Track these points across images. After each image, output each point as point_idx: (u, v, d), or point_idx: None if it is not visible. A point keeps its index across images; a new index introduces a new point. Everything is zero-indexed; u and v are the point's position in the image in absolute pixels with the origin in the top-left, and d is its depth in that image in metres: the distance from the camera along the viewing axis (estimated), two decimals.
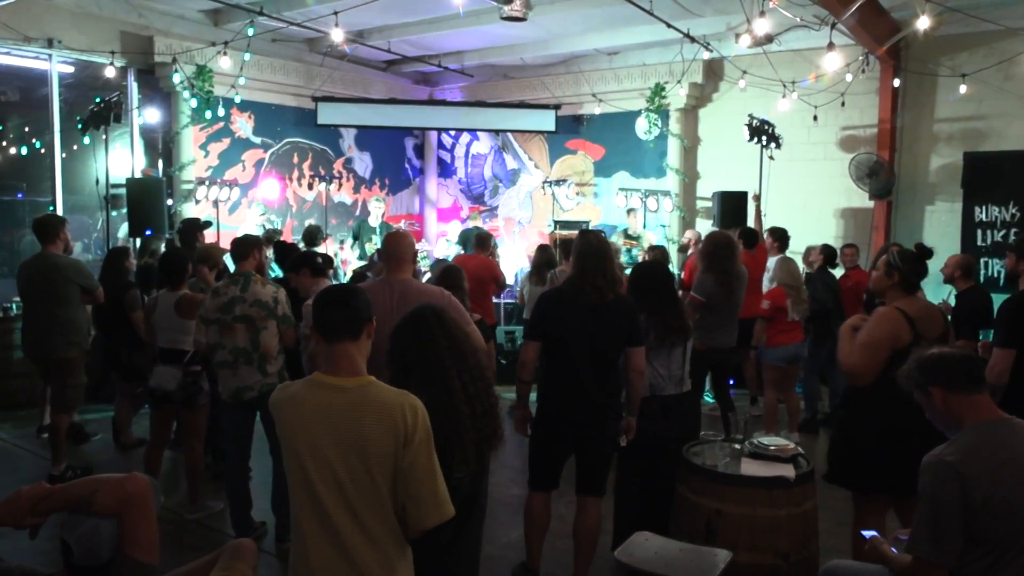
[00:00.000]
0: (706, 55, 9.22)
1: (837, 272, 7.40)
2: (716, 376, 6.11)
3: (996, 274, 8.28)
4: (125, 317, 5.93)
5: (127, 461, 5.95)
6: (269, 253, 6.55)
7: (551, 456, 3.90)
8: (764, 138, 8.97)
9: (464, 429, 2.68)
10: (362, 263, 8.77)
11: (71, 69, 8.75)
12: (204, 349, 4.43)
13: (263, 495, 4.60)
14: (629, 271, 4.73)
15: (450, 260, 8.45)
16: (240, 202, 10.00)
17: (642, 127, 10.55)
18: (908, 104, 9.01)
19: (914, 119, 9.02)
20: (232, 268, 4.68)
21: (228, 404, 4.41)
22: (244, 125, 10.19)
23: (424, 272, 9.06)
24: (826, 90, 8.73)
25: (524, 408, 3.92)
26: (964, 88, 8.21)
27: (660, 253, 7.93)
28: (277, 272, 6.67)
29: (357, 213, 11.55)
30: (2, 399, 7.22)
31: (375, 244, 9.15)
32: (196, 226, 7.17)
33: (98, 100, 7.77)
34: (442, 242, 11.11)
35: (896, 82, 8.75)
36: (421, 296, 3.46)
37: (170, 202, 9.02)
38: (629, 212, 10.05)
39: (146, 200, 8.06)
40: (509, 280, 8.79)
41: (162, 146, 9.69)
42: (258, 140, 10.40)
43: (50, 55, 8.35)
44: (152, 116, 9.52)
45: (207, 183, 9.18)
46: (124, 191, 8.29)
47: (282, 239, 8.39)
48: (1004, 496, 2.34)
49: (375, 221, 9.82)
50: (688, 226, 10.13)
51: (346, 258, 9.72)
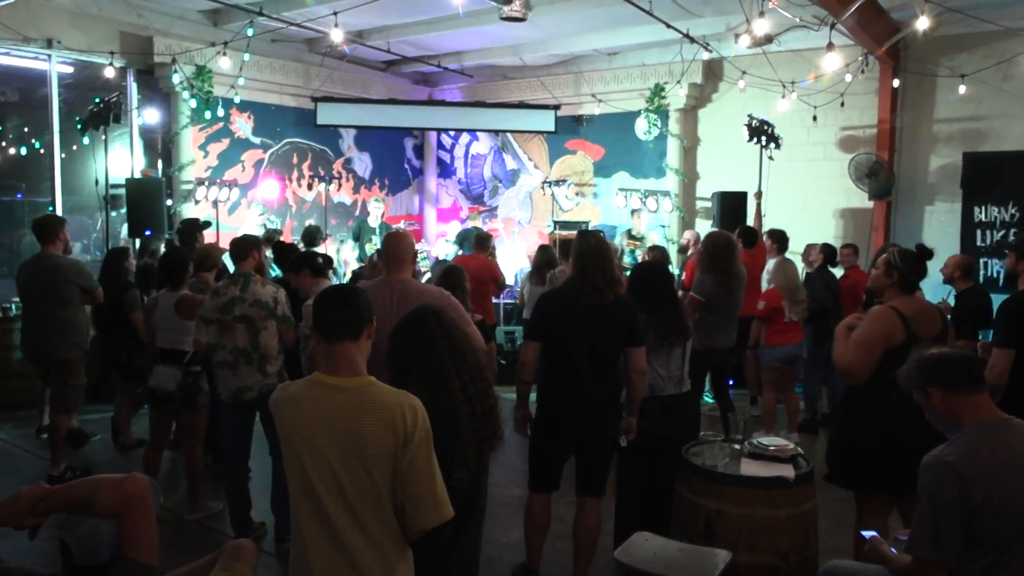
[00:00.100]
0: (706, 55, 9.22)
1: (838, 271, 7.40)
2: (716, 376, 6.10)
3: (995, 274, 8.29)
4: (125, 317, 5.93)
5: (126, 461, 5.94)
6: (269, 253, 6.54)
7: (551, 457, 3.89)
8: (763, 138, 8.96)
9: (464, 430, 2.68)
10: (362, 264, 8.77)
11: (70, 69, 8.75)
12: (204, 349, 4.43)
13: (263, 495, 4.59)
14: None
15: (449, 260, 8.46)
16: (240, 202, 10.00)
17: (642, 127, 10.54)
18: (907, 104, 9.01)
19: (913, 119, 9.02)
20: (232, 268, 4.68)
21: (228, 404, 4.41)
22: (244, 125, 10.19)
23: (424, 272, 9.06)
24: (825, 90, 8.72)
25: (524, 408, 3.92)
26: (963, 88, 8.21)
27: (660, 253, 7.92)
28: (276, 272, 6.66)
29: (357, 213, 11.54)
30: (2, 399, 7.20)
31: (375, 244, 9.15)
32: (195, 226, 7.17)
33: (97, 100, 7.77)
34: (441, 242, 11.10)
35: (895, 82, 8.75)
36: (421, 296, 3.46)
37: (169, 202, 9.01)
38: (633, 213, 10.03)
39: (145, 200, 8.07)
40: (509, 280, 8.79)
41: (161, 146, 9.68)
42: (257, 140, 10.40)
43: (49, 55, 8.35)
44: (151, 116, 9.52)
45: (206, 183, 9.19)
46: (124, 191, 8.29)
47: (281, 239, 8.39)
48: (1004, 496, 2.34)
49: (375, 221, 9.83)
50: (688, 226, 10.11)
51: (346, 258, 9.73)
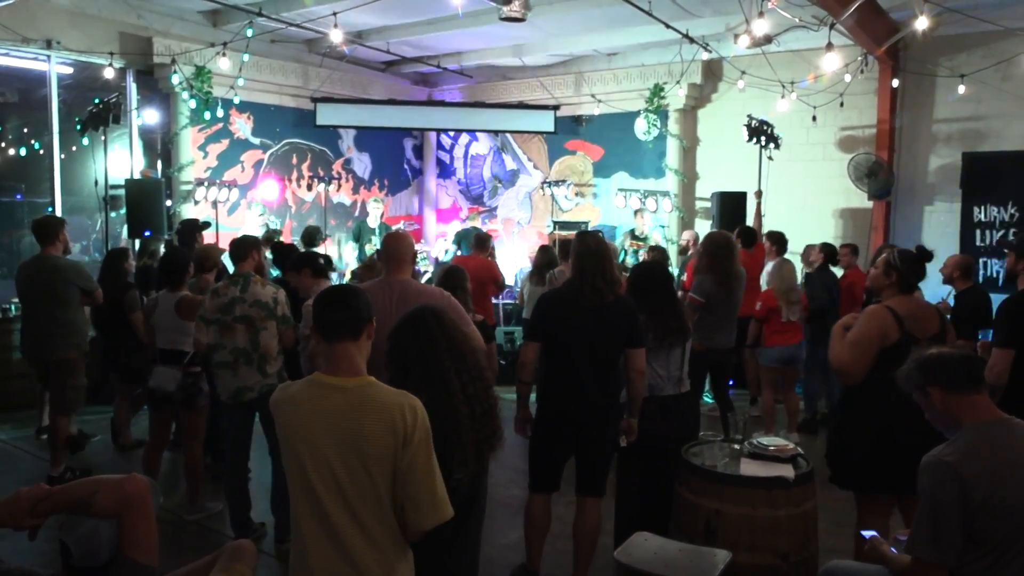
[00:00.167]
0: (705, 56, 9.22)
1: (838, 271, 7.39)
2: (715, 376, 6.10)
3: (995, 274, 8.29)
4: (124, 318, 5.92)
5: (126, 462, 5.94)
6: (268, 254, 6.54)
7: (551, 457, 3.89)
8: (763, 138, 8.96)
9: (463, 430, 2.67)
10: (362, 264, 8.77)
11: (70, 70, 8.75)
12: (204, 349, 4.43)
13: (262, 496, 4.60)
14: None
15: (448, 261, 8.46)
16: (239, 203, 10.00)
17: (641, 128, 10.54)
18: (907, 104, 9.01)
19: (913, 119, 9.02)
20: (231, 269, 4.68)
21: (227, 405, 4.42)
22: (243, 126, 10.18)
23: (424, 272, 9.06)
24: (825, 90, 8.72)
25: (524, 409, 3.91)
26: (963, 88, 8.20)
27: (659, 254, 7.92)
28: (276, 273, 6.65)
29: (356, 214, 11.53)
30: (1, 400, 7.20)
31: (375, 245, 9.15)
32: (195, 227, 7.17)
33: (97, 101, 7.76)
34: (441, 243, 11.11)
35: (895, 82, 8.75)
36: (420, 297, 3.46)
37: (169, 203, 9.00)
38: (636, 213, 10.01)
39: (145, 201, 8.07)
40: (508, 281, 8.78)
41: (161, 147, 9.68)
42: (257, 141, 10.40)
43: (49, 56, 8.35)
44: (151, 117, 9.52)
45: (206, 184, 9.18)
46: (123, 192, 8.29)
47: (280, 240, 8.39)
48: (1003, 496, 2.34)
49: (374, 222, 9.83)
50: (687, 226, 10.12)
51: (347, 259, 9.73)
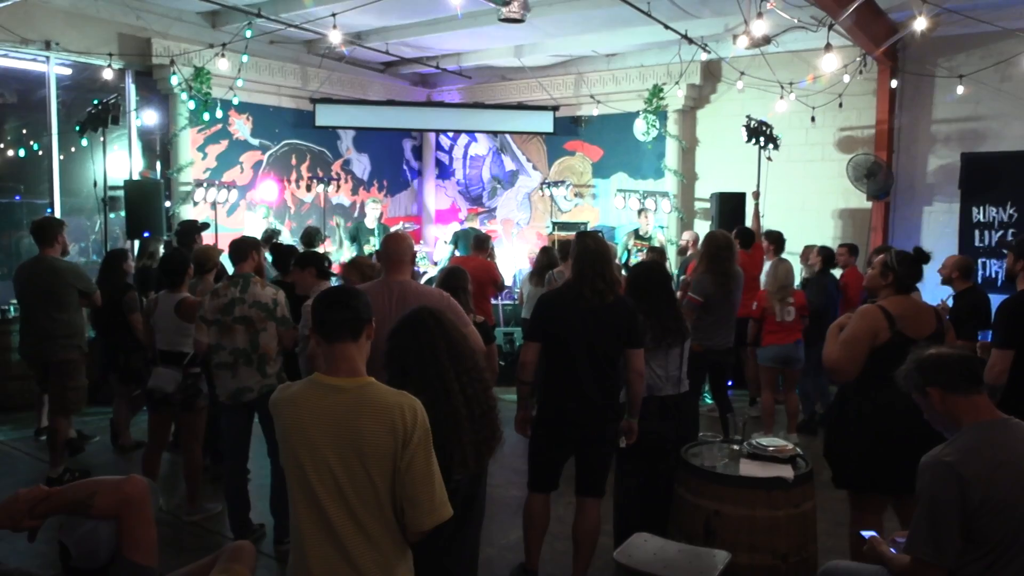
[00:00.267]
0: (704, 56, 9.23)
1: (837, 272, 7.39)
2: (714, 377, 6.10)
3: (994, 274, 8.30)
4: (123, 319, 5.92)
5: (125, 463, 5.94)
6: (268, 256, 6.53)
7: (551, 457, 3.89)
8: (762, 139, 8.97)
9: (463, 431, 2.67)
10: None
11: (69, 71, 8.74)
12: (205, 350, 4.43)
13: (262, 497, 4.59)
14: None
15: (446, 262, 8.45)
16: (238, 204, 9.99)
17: (640, 128, 10.55)
18: (906, 105, 9.02)
19: (912, 120, 9.02)
20: (231, 270, 4.68)
21: (227, 406, 4.41)
22: (242, 127, 10.18)
23: (423, 273, 9.06)
24: (824, 91, 8.74)
25: (524, 409, 3.91)
26: (961, 89, 8.21)
27: (658, 253, 7.92)
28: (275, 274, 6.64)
29: (356, 215, 11.53)
30: (0, 401, 7.19)
31: (373, 246, 9.14)
32: (194, 228, 7.16)
33: (96, 102, 7.76)
34: (440, 243, 11.10)
35: (894, 83, 8.76)
36: (420, 298, 3.45)
37: (168, 204, 9.00)
38: (640, 213, 10.01)
39: (144, 202, 8.06)
40: (508, 281, 8.77)
41: (160, 148, 9.67)
42: (256, 142, 10.39)
43: (47, 57, 8.34)
44: (150, 118, 9.52)
45: (205, 185, 9.17)
46: (122, 193, 8.28)
47: (280, 240, 8.38)
48: (1003, 496, 2.34)
49: (372, 223, 9.82)
50: (686, 227, 10.12)
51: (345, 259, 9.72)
